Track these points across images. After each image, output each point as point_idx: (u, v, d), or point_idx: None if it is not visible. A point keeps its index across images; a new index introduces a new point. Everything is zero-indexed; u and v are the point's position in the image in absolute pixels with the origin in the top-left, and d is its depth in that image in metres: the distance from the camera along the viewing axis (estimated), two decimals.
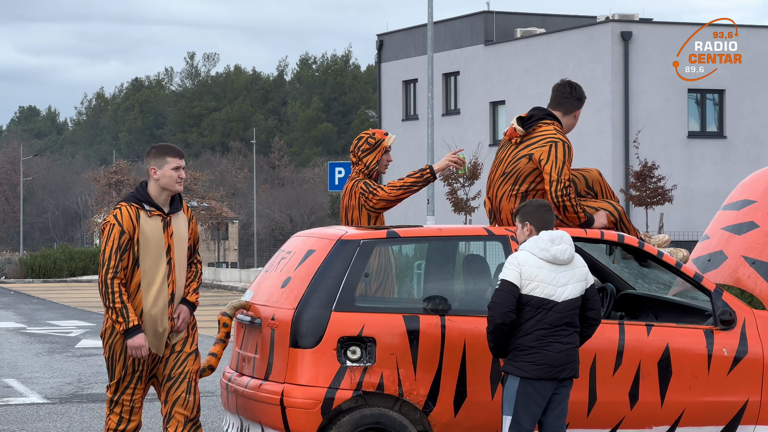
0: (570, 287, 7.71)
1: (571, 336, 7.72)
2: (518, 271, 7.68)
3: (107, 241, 7.76)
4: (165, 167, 7.89)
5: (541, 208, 7.91)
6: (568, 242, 7.75)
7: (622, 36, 39.99)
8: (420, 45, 48.13)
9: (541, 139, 8.75)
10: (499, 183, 8.87)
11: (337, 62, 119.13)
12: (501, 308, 7.64)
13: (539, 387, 7.68)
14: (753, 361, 8.62)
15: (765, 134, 41.08)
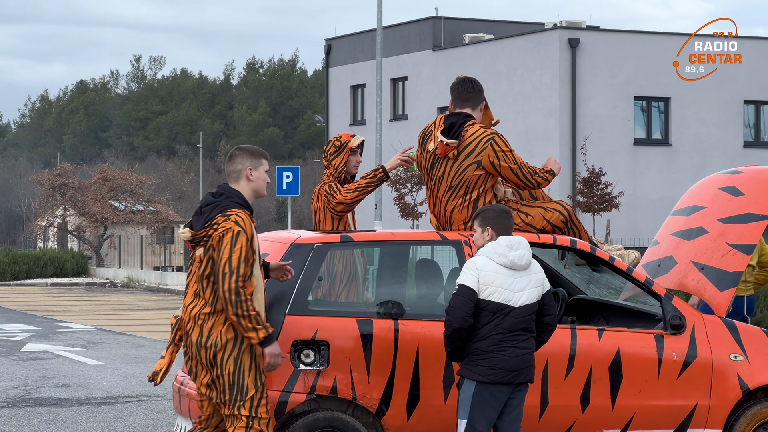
0: (527, 292, 7.74)
1: (527, 341, 7.76)
2: (476, 276, 7.70)
3: (234, 249, 7.34)
4: (260, 169, 7.63)
5: (503, 214, 7.93)
6: (526, 248, 7.79)
7: (570, 43, 40.23)
8: (368, 50, 48.18)
9: (478, 143, 8.76)
10: (448, 197, 8.87)
11: (284, 67, 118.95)
12: (459, 313, 7.66)
13: (495, 391, 7.70)
14: (702, 366, 8.70)
15: (709, 142, 41.46)
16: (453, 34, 46.21)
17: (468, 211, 8.83)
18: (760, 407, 8.82)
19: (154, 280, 45.60)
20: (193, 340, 7.53)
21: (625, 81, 40.75)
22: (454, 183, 8.82)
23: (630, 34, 42.12)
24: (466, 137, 8.79)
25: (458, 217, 8.87)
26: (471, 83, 8.96)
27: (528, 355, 7.76)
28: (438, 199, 8.95)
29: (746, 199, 9.36)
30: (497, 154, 8.75)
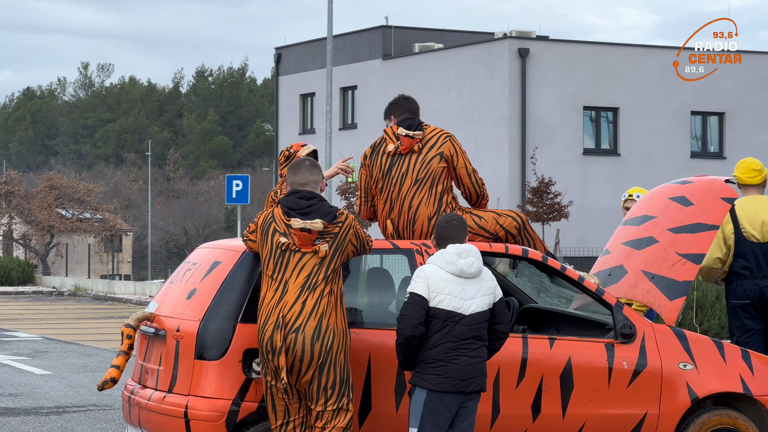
0: (477, 300, 7.74)
1: (479, 350, 7.75)
2: (426, 284, 7.70)
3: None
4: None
5: (448, 220, 7.93)
6: (476, 256, 7.78)
7: (520, 53, 40.42)
8: (318, 59, 48.17)
9: (438, 137, 8.90)
10: (414, 192, 8.87)
11: (234, 75, 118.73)
12: (410, 321, 7.65)
13: (446, 400, 7.69)
14: (652, 374, 8.75)
15: (657, 152, 41.78)
16: (403, 43, 46.32)
17: (434, 206, 8.84)
18: (709, 415, 8.87)
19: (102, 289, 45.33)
20: (307, 333, 7.65)
21: (575, 91, 40.99)
22: (420, 176, 8.85)
23: (579, 44, 42.39)
24: (427, 132, 8.93)
25: (424, 211, 8.84)
26: (413, 100, 9.16)
27: (479, 364, 7.76)
28: (400, 197, 8.90)
29: (696, 209, 9.42)
30: (456, 150, 8.90)
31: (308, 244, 7.77)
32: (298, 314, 7.68)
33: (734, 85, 42.45)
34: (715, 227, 9.33)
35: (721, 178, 9.78)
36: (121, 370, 8.24)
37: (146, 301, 39.68)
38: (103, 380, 8.16)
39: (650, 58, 42.05)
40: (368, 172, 9.04)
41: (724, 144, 42.98)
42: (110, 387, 8.23)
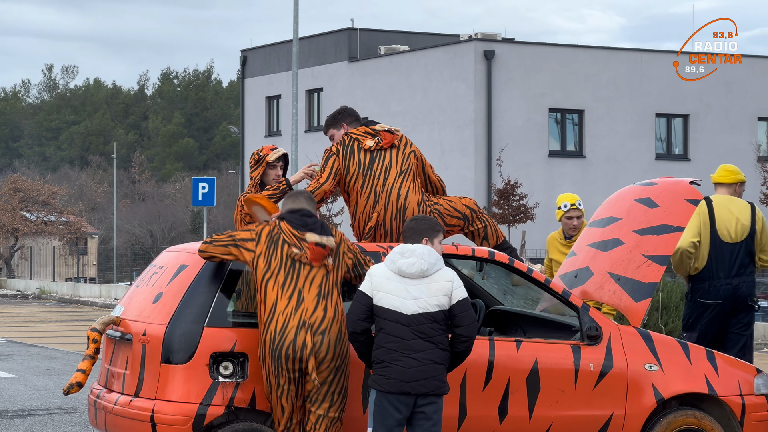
0: (423, 301, 7.64)
1: (429, 352, 7.64)
2: (370, 281, 7.74)
3: None
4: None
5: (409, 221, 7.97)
6: (420, 256, 7.69)
7: (485, 55, 40.50)
8: (284, 61, 48.12)
9: (404, 137, 9.29)
10: (401, 182, 9.07)
11: (199, 77, 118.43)
12: (351, 317, 7.74)
13: (393, 401, 7.64)
14: (618, 376, 8.78)
15: (622, 154, 41.95)
16: (369, 45, 46.33)
17: (420, 193, 9.12)
18: (675, 416, 8.92)
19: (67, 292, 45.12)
20: (332, 336, 7.86)
21: (540, 93, 41.11)
22: (404, 168, 9.10)
23: (545, 46, 42.52)
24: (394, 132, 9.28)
25: (413, 198, 9.04)
26: (349, 108, 9.58)
27: (428, 366, 7.64)
28: (386, 189, 9.02)
29: (661, 210, 9.46)
30: (419, 151, 9.39)
31: (320, 258, 7.97)
32: (321, 319, 7.86)
33: (698, 87, 42.69)
34: (680, 229, 9.37)
35: (686, 179, 9.82)
36: (86, 375, 8.21)
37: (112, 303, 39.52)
38: (69, 384, 8.13)
39: (615, 60, 42.23)
40: (343, 164, 9.10)
41: (689, 146, 43.20)
42: (76, 391, 8.21)
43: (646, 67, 42.25)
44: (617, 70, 41.92)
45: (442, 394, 7.71)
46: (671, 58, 43.19)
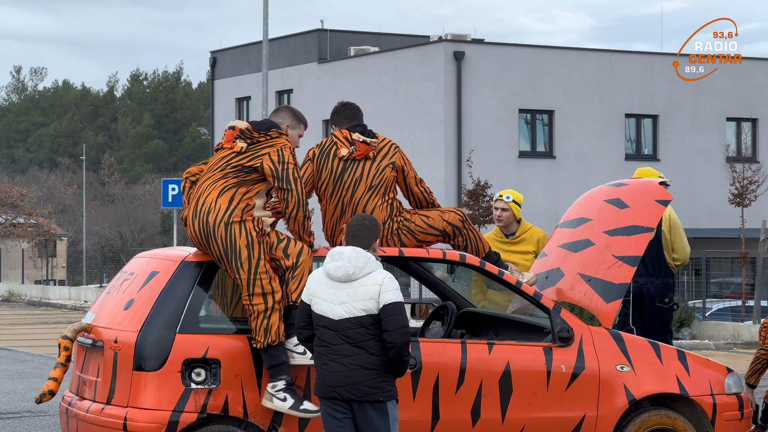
0: (349, 305, 7.52)
1: (357, 357, 7.48)
2: (308, 288, 7.68)
3: None
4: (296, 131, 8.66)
5: (352, 222, 7.81)
6: (348, 259, 7.56)
7: (455, 56, 40.53)
8: (254, 62, 48.03)
9: (389, 147, 8.97)
10: (368, 197, 8.87)
11: (169, 79, 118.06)
12: (297, 326, 7.74)
13: (329, 405, 7.55)
14: (590, 377, 8.80)
15: (592, 154, 42.04)
16: (338, 46, 46.30)
17: (387, 210, 8.87)
18: (647, 416, 8.95)
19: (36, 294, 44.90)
20: None
21: (510, 94, 41.16)
22: (374, 183, 8.86)
23: (514, 47, 42.58)
24: (379, 140, 9.00)
25: (379, 215, 8.85)
26: (356, 106, 9.32)
27: (355, 372, 7.47)
28: (353, 202, 8.88)
29: (631, 211, 9.49)
30: (405, 161, 9.04)
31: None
32: None
33: (667, 87, 42.84)
34: (650, 229, 9.40)
35: (655, 180, 9.86)
36: (59, 383, 8.17)
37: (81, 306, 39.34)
38: (41, 393, 8.09)
39: (585, 60, 42.33)
40: (316, 169, 9.03)
41: (658, 146, 43.35)
42: (48, 399, 8.17)
43: (616, 68, 42.38)
44: (587, 71, 42.03)
45: (375, 401, 7.50)
46: (641, 58, 43.34)
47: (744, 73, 43.55)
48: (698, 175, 42.39)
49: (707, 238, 40.97)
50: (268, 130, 8.36)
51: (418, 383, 8.37)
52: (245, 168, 8.21)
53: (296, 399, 7.97)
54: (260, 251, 8.08)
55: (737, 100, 43.56)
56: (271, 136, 8.35)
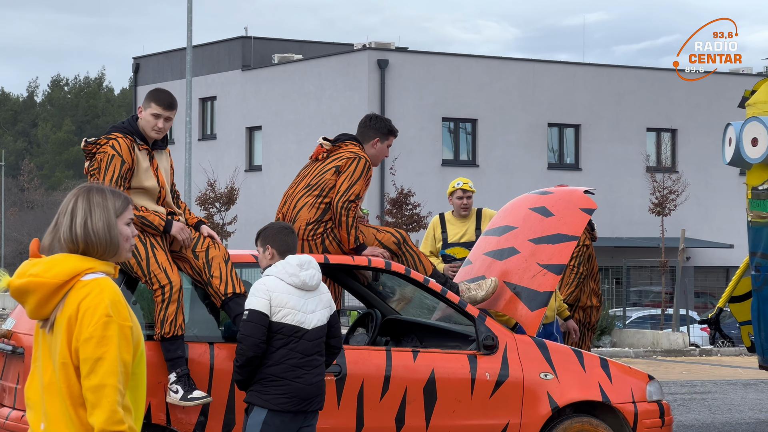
0: (318, 314, 7.51)
1: (320, 367, 7.51)
2: (267, 299, 7.41)
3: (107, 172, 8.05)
4: (147, 111, 8.26)
5: (283, 230, 7.75)
6: (316, 267, 7.57)
7: (379, 64, 40.59)
8: (177, 69, 47.77)
9: (348, 154, 9.02)
10: (301, 194, 8.98)
11: (91, 85, 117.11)
12: (252, 340, 7.35)
13: (287, 420, 7.42)
14: (514, 385, 8.83)
15: (515, 163, 42.30)
16: (263, 54, 46.18)
17: (316, 212, 8.88)
18: (571, 422, 9.00)
19: None
20: None
21: (433, 102, 41.30)
22: (312, 182, 8.97)
23: (438, 56, 42.75)
24: (343, 148, 9.07)
25: (304, 215, 8.89)
26: (367, 119, 9.39)
27: (322, 381, 7.52)
28: (291, 196, 9.05)
29: (556, 219, 9.52)
30: (348, 168, 8.95)
31: None
32: None
33: (589, 97, 43.23)
34: (575, 238, 9.44)
35: (580, 188, 9.91)
36: None
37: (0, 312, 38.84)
38: None
39: (508, 70, 42.60)
40: None
41: (580, 156, 43.72)
42: None
43: (539, 78, 42.70)
44: (510, 80, 42.29)
45: (320, 409, 7.58)
46: (563, 68, 43.71)
47: (664, 84, 44.09)
48: (619, 185, 42.82)
49: (627, 247, 41.41)
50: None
51: (343, 391, 8.35)
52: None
53: (186, 389, 7.86)
54: (147, 251, 8.01)
55: (657, 111, 44.08)
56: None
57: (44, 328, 4.38)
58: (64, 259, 4.35)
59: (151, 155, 8.29)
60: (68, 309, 4.31)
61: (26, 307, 4.39)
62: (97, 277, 4.35)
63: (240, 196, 37.33)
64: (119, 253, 4.43)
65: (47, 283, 4.31)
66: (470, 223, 11.59)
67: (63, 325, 4.29)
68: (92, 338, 4.24)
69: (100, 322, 4.26)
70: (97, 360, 4.23)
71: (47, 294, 4.31)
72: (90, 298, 4.29)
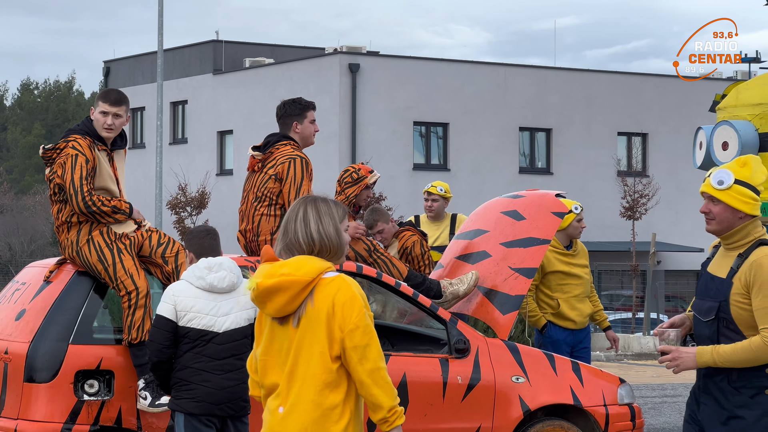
0: (233, 316, 7.47)
1: (240, 371, 7.43)
2: (172, 304, 7.44)
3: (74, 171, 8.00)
4: (96, 109, 8.31)
5: (201, 233, 7.75)
6: (229, 269, 7.52)
7: (350, 68, 40.59)
8: (148, 73, 47.64)
9: (282, 159, 8.94)
10: (255, 207, 8.94)
11: (61, 88, 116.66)
12: (155, 345, 7.45)
13: (205, 421, 7.43)
14: (485, 388, 8.84)
15: (487, 167, 42.36)
16: (234, 58, 46.11)
17: (275, 220, 8.86)
18: (542, 426, 9.01)
19: None
20: None
21: (405, 106, 41.32)
22: (259, 194, 8.92)
23: (410, 60, 42.77)
24: (275, 153, 9.00)
25: (265, 226, 8.88)
26: (283, 105, 9.35)
27: (238, 387, 7.44)
28: (246, 212, 9.01)
29: (528, 223, 9.54)
30: (288, 175, 8.88)
31: None
32: None
33: (561, 101, 43.34)
34: (546, 241, 9.46)
35: (552, 192, 9.93)
36: None
37: None
38: None
39: (480, 74, 42.65)
40: None
41: (551, 159, 43.82)
42: None
43: (510, 82, 42.77)
44: (482, 84, 42.35)
45: (245, 415, 7.52)
46: (535, 72, 43.80)
47: (634, 89, 44.26)
48: (590, 189, 42.94)
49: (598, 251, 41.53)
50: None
51: None
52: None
53: (154, 396, 7.84)
54: (114, 257, 7.97)
55: (628, 115, 44.23)
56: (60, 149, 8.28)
57: (284, 324, 4.97)
58: (308, 260, 4.94)
59: (110, 156, 8.25)
60: (322, 304, 4.91)
61: (270, 306, 4.93)
62: (335, 275, 4.95)
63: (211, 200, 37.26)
64: (342, 255, 5.04)
65: (299, 281, 4.88)
66: (444, 227, 11.62)
67: (320, 318, 4.89)
68: (358, 328, 4.85)
69: (361, 313, 4.89)
70: (366, 347, 4.86)
71: (297, 291, 4.88)
72: (342, 293, 4.90)
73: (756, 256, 5.97)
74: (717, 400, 6.09)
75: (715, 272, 6.10)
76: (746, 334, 5.97)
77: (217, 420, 7.45)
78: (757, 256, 5.97)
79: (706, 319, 6.08)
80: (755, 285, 5.92)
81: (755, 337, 5.92)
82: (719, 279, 6.05)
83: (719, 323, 6.03)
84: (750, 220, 6.05)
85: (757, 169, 6.09)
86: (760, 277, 5.92)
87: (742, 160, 6.11)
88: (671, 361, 6.02)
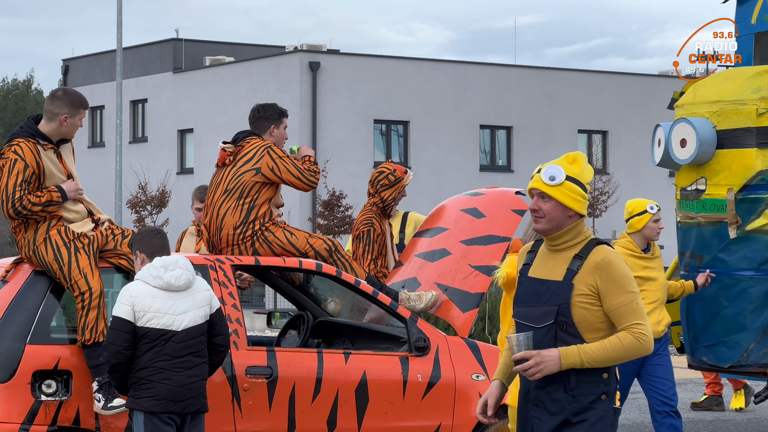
0: (191, 314, 7.47)
1: (197, 368, 7.47)
2: (130, 305, 7.41)
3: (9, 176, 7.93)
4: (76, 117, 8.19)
5: (150, 233, 7.75)
6: (184, 267, 7.52)
7: (311, 66, 40.56)
8: (107, 71, 47.44)
9: (256, 151, 9.02)
10: (222, 201, 8.98)
11: (19, 87, 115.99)
12: (113, 347, 7.39)
13: (165, 419, 7.44)
14: (445, 386, 8.84)
15: (447, 165, 42.44)
16: (194, 56, 45.98)
17: (240, 214, 8.91)
18: (503, 423, 9.02)
19: None
20: None
21: (365, 104, 41.34)
22: (230, 187, 8.96)
23: (370, 57, 42.79)
24: (246, 146, 9.07)
25: (230, 220, 8.92)
26: (256, 111, 9.40)
27: (197, 383, 7.48)
28: (211, 206, 9.05)
29: (487, 221, 9.55)
30: (275, 161, 9.01)
31: None
32: None
33: (521, 99, 43.47)
34: (507, 239, 9.46)
35: (511, 189, 9.94)
36: None
37: None
38: None
39: (440, 72, 42.72)
40: None
41: (512, 157, 43.94)
42: None
43: (471, 80, 42.86)
44: (442, 82, 42.42)
45: (203, 411, 7.56)
46: (495, 70, 43.90)
47: (594, 87, 44.45)
48: None
49: None
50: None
51: (274, 393, 8.32)
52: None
53: (106, 398, 7.81)
54: (70, 256, 7.94)
55: (588, 113, 44.42)
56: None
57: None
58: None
59: (58, 153, 8.16)
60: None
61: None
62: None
63: (171, 198, 37.17)
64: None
65: None
66: (395, 224, 11.57)
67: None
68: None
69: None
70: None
71: None
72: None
73: (601, 255, 5.72)
74: (551, 412, 5.75)
75: (546, 276, 5.79)
76: (586, 336, 5.69)
77: (177, 417, 7.46)
78: (601, 254, 5.72)
79: (541, 324, 5.73)
80: (607, 284, 5.67)
81: (623, 334, 5.65)
82: (554, 282, 5.74)
83: (557, 327, 5.70)
84: (579, 219, 5.80)
85: (586, 167, 5.85)
86: (612, 275, 5.67)
87: (571, 157, 5.87)
88: (534, 366, 5.62)
